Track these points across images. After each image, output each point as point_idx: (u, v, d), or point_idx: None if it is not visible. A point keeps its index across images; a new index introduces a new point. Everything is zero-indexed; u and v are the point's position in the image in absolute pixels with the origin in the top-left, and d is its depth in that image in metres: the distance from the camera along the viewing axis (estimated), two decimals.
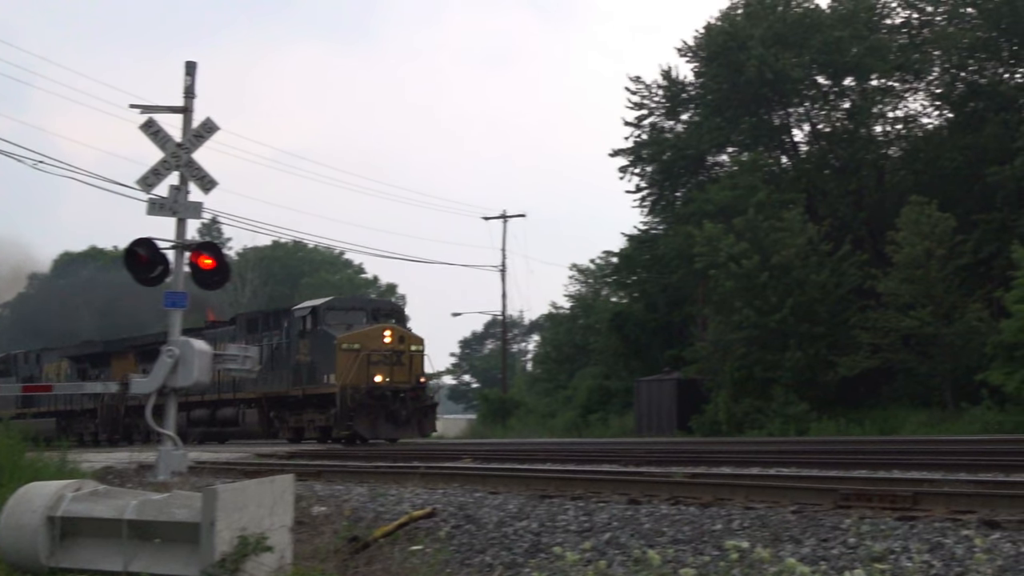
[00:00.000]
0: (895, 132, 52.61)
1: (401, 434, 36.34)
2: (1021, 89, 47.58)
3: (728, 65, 51.54)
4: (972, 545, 8.67)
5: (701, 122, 53.89)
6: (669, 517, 11.09)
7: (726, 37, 52.11)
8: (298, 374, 37.89)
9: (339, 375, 35.90)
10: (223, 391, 41.04)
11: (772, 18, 51.78)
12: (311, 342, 37.48)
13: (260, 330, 40.15)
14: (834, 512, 10.59)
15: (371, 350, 36.19)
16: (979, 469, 14.37)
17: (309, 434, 37.99)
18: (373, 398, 35.81)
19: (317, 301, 39.68)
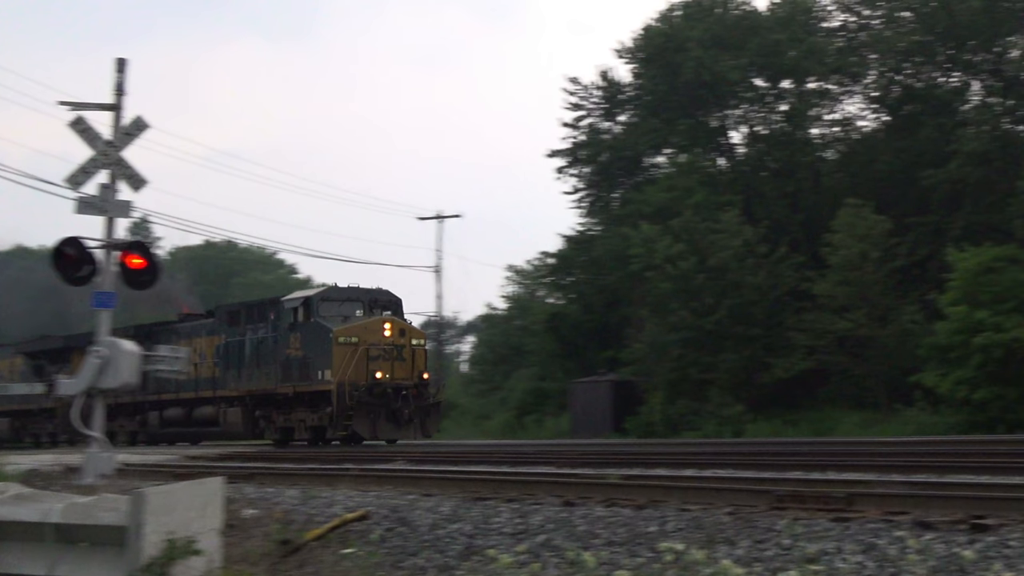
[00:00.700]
0: (832, 135, 53.13)
1: (403, 435, 34.37)
2: (956, 93, 48.21)
3: (666, 66, 51.78)
4: (905, 546, 8.77)
5: (638, 123, 54.11)
6: (604, 519, 11.10)
7: (664, 38, 52.36)
8: (288, 370, 35.58)
9: (335, 371, 33.76)
10: (201, 388, 39.21)
11: (710, 20, 52.08)
12: (303, 335, 35.22)
13: (243, 323, 37.86)
14: (769, 514, 10.65)
15: (370, 344, 34.13)
16: (913, 470, 14.53)
17: (300, 435, 35.81)
18: (373, 396, 33.83)
19: (310, 291, 37.63)
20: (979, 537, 8.88)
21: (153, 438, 41.20)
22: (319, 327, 34.60)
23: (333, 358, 33.80)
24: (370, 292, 36.67)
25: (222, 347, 38.31)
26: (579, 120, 55.80)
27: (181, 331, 40.77)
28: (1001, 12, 46.23)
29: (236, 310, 39.13)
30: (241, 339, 37.45)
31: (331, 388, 33.68)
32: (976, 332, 34.21)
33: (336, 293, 36.18)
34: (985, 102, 46.91)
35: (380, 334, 34.51)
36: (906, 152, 46.92)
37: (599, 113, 56.01)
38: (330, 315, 35.01)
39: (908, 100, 49.18)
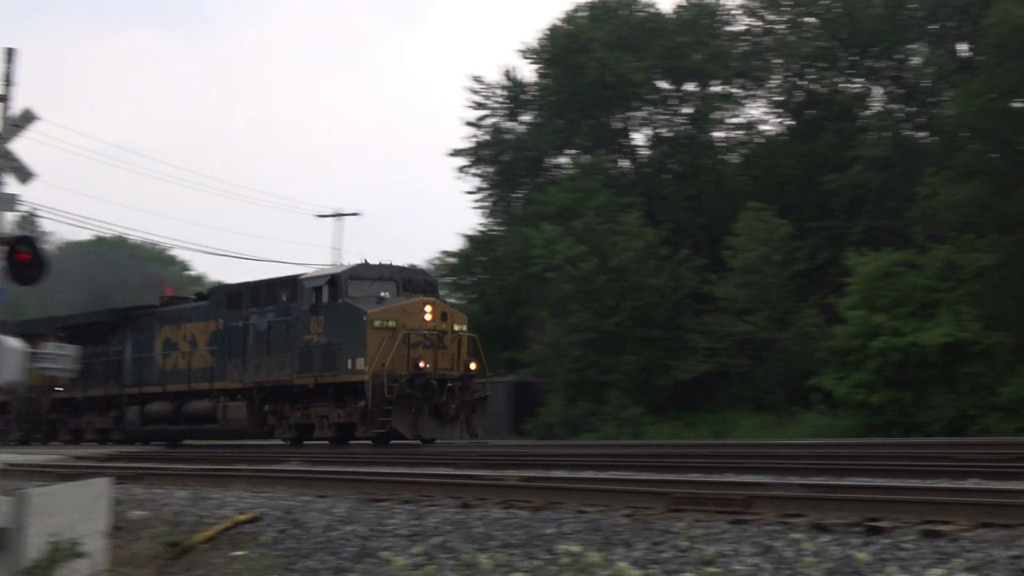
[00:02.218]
0: (735, 138, 53.73)
1: (447, 433, 30.51)
2: (858, 99, 49.04)
3: (570, 67, 51.98)
4: (801, 548, 8.86)
5: (542, 124, 54.25)
6: (501, 521, 11.10)
7: (568, 39, 52.55)
8: (308, 358, 31.28)
9: (370, 359, 29.46)
10: (194, 380, 34.93)
11: (614, 22, 52.38)
12: (328, 318, 30.87)
13: (246, 306, 33.55)
14: (667, 516, 10.71)
15: (409, 329, 30.00)
16: (810, 473, 14.69)
17: (321, 433, 31.62)
18: (415, 388, 29.56)
19: (336, 268, 33.00)
20: (874, 539, 9.00)
21: (132, 436, 37.56)
22: (349, 309, 30.39)
23: (367, 344, 29.61)
24: (404, 270, 32.68)
25: (220, 333, 34.23)
26: (482, 119, 55.84)
27: (165, 316, 37.28)
28: (903, 20, 47.14)
29: (237, 291, 34.74)
30: (244, 324, 33.32)
31: (365, 379, 29.47)
32: (874, 336, 34.80)
33: (367, 271, 31.89)
34: (886, 108, 47.78)
35: (420, 318, 30.43)
36: (808, 156, 47.62)
37: (502, 113, 56.07)
38: (360, 295, 30.80)
39: (811, 105, 49.91)
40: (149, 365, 36.88)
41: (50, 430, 40.74)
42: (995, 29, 37.30)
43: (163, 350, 36.53)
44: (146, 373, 36.64)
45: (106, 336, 38.84)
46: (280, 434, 32.72)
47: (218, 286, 36.63)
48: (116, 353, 38.42)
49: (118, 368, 38.15)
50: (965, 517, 9.41)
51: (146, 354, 37.10)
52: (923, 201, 39.48)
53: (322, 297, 31.17)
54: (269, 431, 32.83)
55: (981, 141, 39.14)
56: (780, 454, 19.47)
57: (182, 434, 36.85)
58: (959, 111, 39.70)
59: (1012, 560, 8.04)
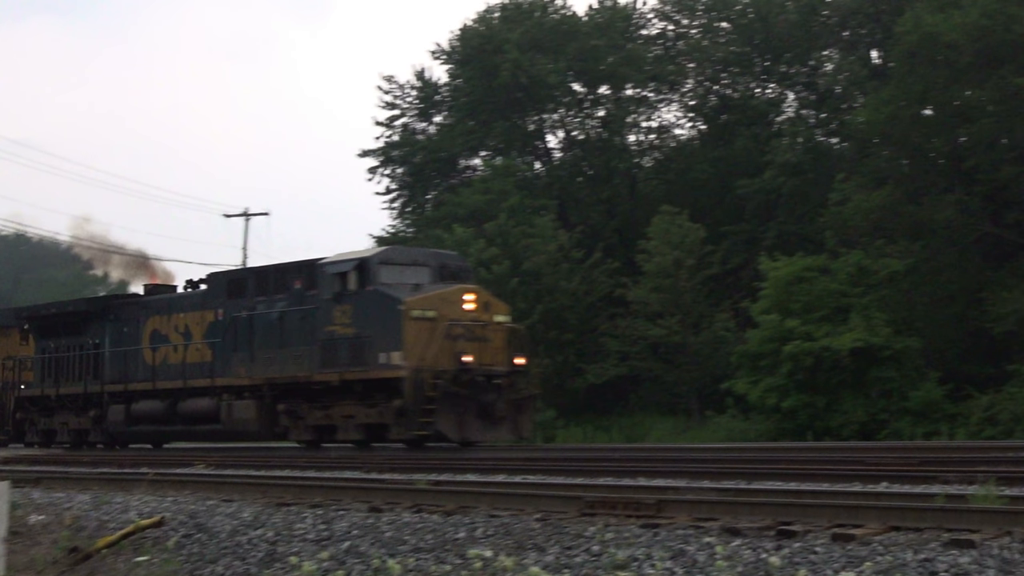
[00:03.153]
0: (648, 142, 54.09)
1: (494, 435, 27.89)
2: (771, 104, 49.62)
3: (483, 68, 51.99)
4: (713, 552, 8.93)
5: (454, 125, 54.20)
6: (411, 525, 11.08)
7: (481, 40, 52.56)
8: (331, 352, 28.14)
9: (408, 353, 26.61)
10: (190, 375, 31.72)
11: (528, 23, 52.48)
12: (356, 307, 27.78)
13: (251, 294, 30.49)
14: (579, 520, 10.77)
15: (450, 320, 27.25)
16: (723, 477, 14.83)
17: (345, 435, 28.59)
18: (460, 385, 26.84)
19: (365, 252, 29.52)
20: (786, 543, 9.09)
21: (115, 438, 34.63)
22: (382, 297, 27.41)
23: (404, 336, 26.73)
24: (438, 255, 30.09)
25: (220, 324, 31.15)
26: (393, 120, 55.65)
27: (153, 305, 34.06)
28: (817, 26, 47.78)
29: (241, 278, 31.71)
30: (250, 314, 30.21)
31: (403, 375, 26.58)
32: (786, 340, 35.16)
33: (398, 255, 29.36)
34: (799, 114, 48.41)
35: (460, 307, 27.65)
36: (721, 161, 48.08)
37: (414, 113, 55.94)
38: (393, 282, 27.87)
39: (724, 110, 50.40)
40: (134, 359, 33.58)
41: (16, 431, 37.36)
42: (906, 37, 37.89)
43: (151, 343, 33.18)
44: (131, 368, 33.46)
45: (81, 327, 35.54)
46: (295, 436, 29.75)
47: (216, 272, 33.15)
48: (93, 346, 35.00)
49: (96, 363, 34.82)
50: (876, 520, 9.54)
51: (130, 347, 33.75)
52: (835, 207, 39.99)
53: (348, 284, 28.00)
54: (281, 433, 29.82)
55: (892, 148, 39.76)
56: (693, 458, 19.60)
57: (177, 436, 34.06)
58: (870, 118, 40.30)
59: (922, 563, 8.16)
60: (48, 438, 36.47)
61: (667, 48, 52.65)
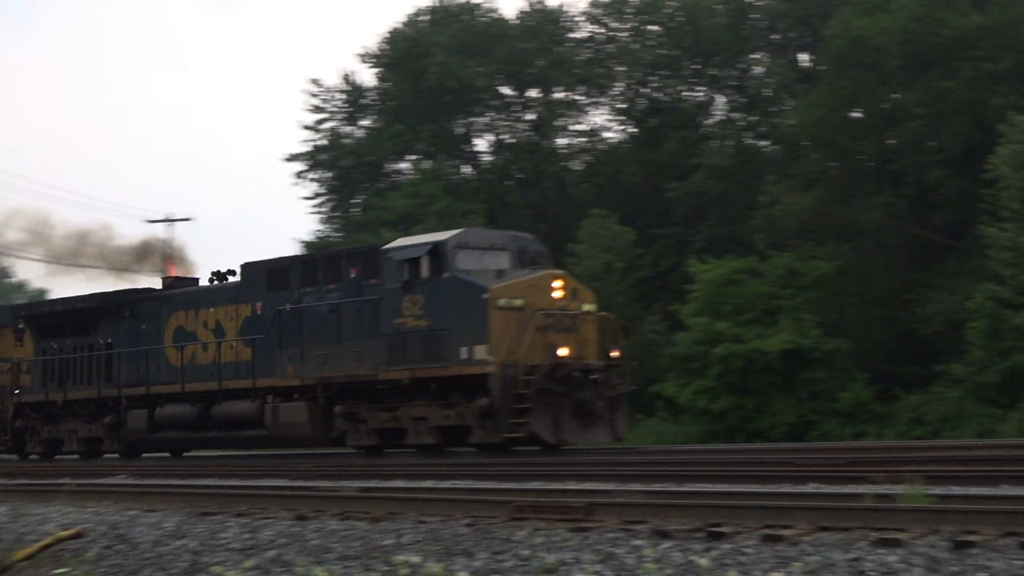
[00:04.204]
0: (578, 145, 54.23)
1: (590, 437, 25.33)
2: (701, 107, 49.96)
3: (411, 72, 51.92)
4: (643, 555, 8.95)
5: (382, 128, 54.07)
6: (338, 533, 11.05)
7: (409, 43, 52.50)
8: (400, 347, 25.46)
9: (495, 346, 24.08)
10: (226, 376, 28.91)
11: (456, 26, 52.50)
12: (430, 297, 25.13)
13: (296, 285, 27.88)
14: (508, 525, 10.76)
15: (539, 309, 24.65)
16: (652, 479, 14.88)
17: (417, 438, 25.59)
18: (556, 382, 24.29)
19: (439, 235, 26.71)
20: (715, 545, 9.14)
21: (134, 447, 31.84)
22: (461, 285, 24.89)
23: (490, 328, 24.22)
24: (517, 238, 27.33)
25: (258, 319, 28.65)
26: (320, 123, 55.43)
27: (176, 300, 31.38)
28: (746, 29, 48.19)
29: (283, 268, 28.85)
30: (297, 307, 27.64)
31: (489, 371, 24.02)
32: (716, 343, 35.42)
33: (476, 238, 26.48)
34: (728, 117, 48.79)
35: (548, 296, 25.12)
36: (651, 164, 48.32)
37: (341, 117, 55.76)
38: (472, 268, 25.35)
39: (654, 113, 50.67)
40: (156, 360, 30.82)
41: (16, 441, 34.10)
42: (835, 40, 38.38)
43: (175, 341, 30.53)
44: (153, 369, 30.70)
45: (90, 326, 32.85)
46: (354, 441, 26.77)
47: (252, 262, 30.44)
48: (105, 346, 32.24)
49: (109, 364, 32.03)
50: (805, 521, 9.59)
51: (151, 346, 31.01)
52: (764, 209, 40.40)
53: (420, 271, 25.33)
54: (338, 438, 27.06)
55: (821, 150, 40.22)
56: (622, 461, 19.67)
57: (210, 444, 31.56)
58: (800, 121, 40.76)
59: (850, 563, 8.23)
60: (52, 448, 33.68)
61: (596, 51, 52.85)
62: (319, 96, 55.33)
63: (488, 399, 23.95)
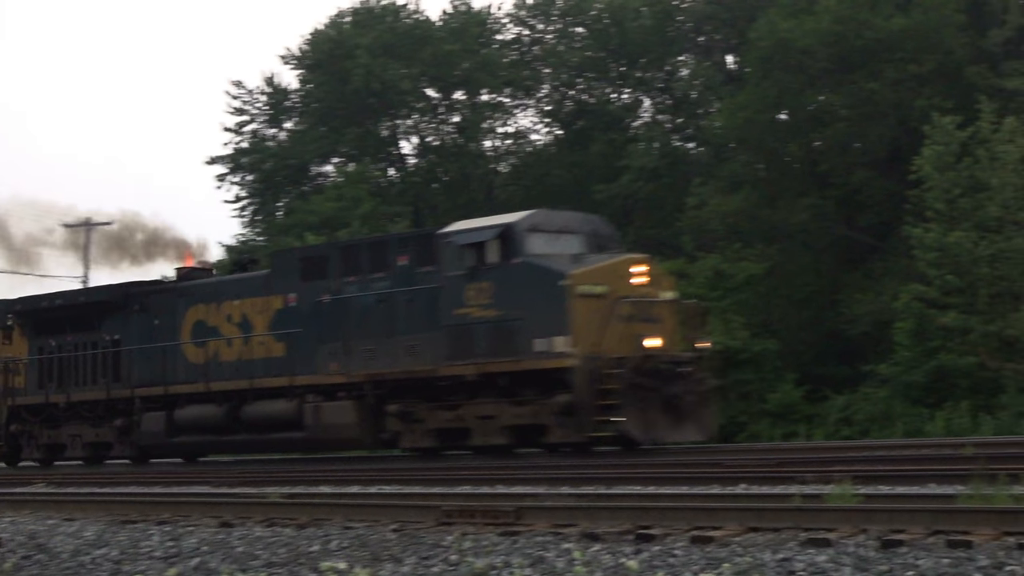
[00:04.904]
0: (505, 147, 54.29)
1: (680, 435, 23.38)
2: (627, 109, 50.20)
3: (334, 74, 51.70)
4: (572, 558, 8.96)
5: (305, 131, 53.79)
6: (263, 539, 11.00)
7: (332, 45, 52.28)
8: (464, 339, 23.49)
9: (578, 337, 22.23)
10: (256, 373, 26.80)
11: (380, 28, 52.33)
12: (501, 284, 23.19)
13: (335, 274, 25.79)
14: (436, 529, 10.78)
15: (619, 297, 22.76)
16: (582, 483, 14.93)
17: (484, 439, 23.49)
18: (646, 376, 22.43)
19: (507, 217, 24.60)
20: (645, 547, 9.18)
21: (149, 451, 29.53)
22: (536, 270, 22.98)
23: (571, 318, 22.36)
24: (589, 220, 25.64)
25: (292, 312, 26.58)
26: (242, 126, 55.01)
27: (194, 292, 29.22)
28: (672, 32, 48.51)
29: (320, 256, 26.89)
30: (338, 298, 25.61)
31: (572, 364, 22.16)
32: None
33: (548, 220, 24.48)
34: (655, 119, 49.07)
35: (629, 281, 23.19)
36: (578, 166, 48.47)
37: (264, 119, 55.38)
38: (544, 253, 23.44)
39: (580, 115, 50.84)
40: (173, 357, 28.73)
41: (11, 447, 31.78)
42: (761, 43, 38.69)
43: (194, 337, 28.47)
44: (170, 368, 28.61)
45: (93, 321, 30.67)
46: (409, 443, 24.73)
47: (283, 250, 28.64)
48: (112, 343, 30.02)
49: (116, 363, 29.89)
50: (734, 522, 9.68)
51: (166, 342, 28.88)
52: (692, 211, 40.63)
53: (486, 256, 23.43)
54: (390, 439, 25.08)
55: (748, 152, 40.56)
56: (552, 464, 19.72)
57: (239, 448, 29.21)
58: (726, 123, 41.06)
59: (780, 563, 8.29)
60: (52, 454, 31.43)
61: (522, 53, 52.93)
62: (240, 98, 54.93)
63: (569, 395, 22.04)
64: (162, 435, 28.50)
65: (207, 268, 31.91)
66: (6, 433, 31.62)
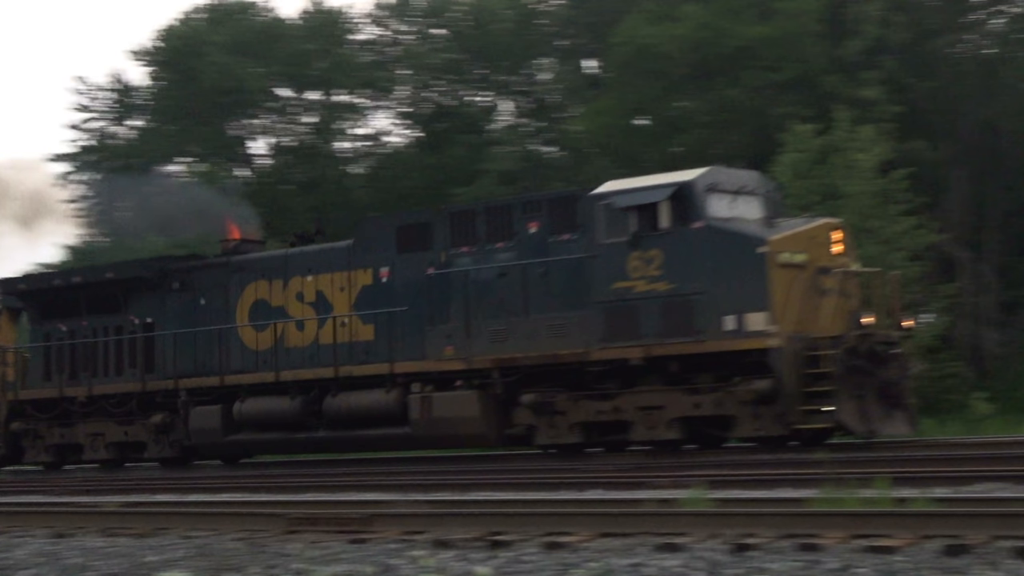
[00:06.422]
0: (361, 149, 54.04)
1: (893, 426, 20.46)
2: (486, 112, 50.37)
3: (184, 71, 51.01)
4: (422, 565, 8.94)
5: (154, 129, 52.96)
6: (100, 550, 10.78)
7: (183, 42, 51.58)
8: (625, 318, 20.75)
9: (779, 314, 19.68)
10: (341, 358, 23.93)
11: (233, 25, 51.77)
12: (675, 253, 20.46)
13: (441, 246, 23.08)
14: (282, 538, 10.68)
15: (818, 267, 20.46)
16: (434, 489, 14.93)
17: (649, 432, 20.76)
18: (862, 358, 19.89)
19: (679, 175, 21.58)
20: (497, 553, 9.19)
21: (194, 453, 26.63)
22: (726, 236, 20.34)
23: (771, 291, 19.80)
24: (765, 181, 22.88)
25: (387, 288, 23.70)
26: (86, 122, 54.00)
27: (251, 267, 26.29)
28: (532, 35, 48.79)
29: (421, 223, 23.85)
30: (446, 272, 22.83)
31: (775, 344, 19.49)
32: None
33: (726, 179, 21.49)
34: (515, 123, 49.30)
35: (828, 249, 20.80)
36: (437, 169, 48.47)
37: (110, 117, 54.42)
38: (727, 216, 20.79)
39: (439, 117, 50.86)
40: (227, 343, 25.76)
41: (11, 448, 28.67)
42: (622, 48, 39.12)
43: (253, 318, 25.56)
44: (223, 355, 25.66)
45: (117, 302, 27.62)
46: (548, 439, 21.80)
47: (371, 217, 26.26)
48: (143, 327, 27.09)
49: (149, 350, 26.89)
50: (587, 527, 9.72)
51: (215, 326, 25.94)
52: None
53: (657, 220, 20.69)
54: (522, 435, 22.28)
55: (608, 157, 40.93)
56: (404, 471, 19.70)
57: (322, 446, 25.59)
58: (587, 127, 41.42)
59: (632, 568, 8.34)
60: (63, 456, 28.36)
61: (380, 54, 52.78)
62: (85, 94, 53.90)
63: (769, 381, 19.48)
64: (217, 433, 25.47)
65: (259, 240, 28.94)
66: (5, 432, 28.51)
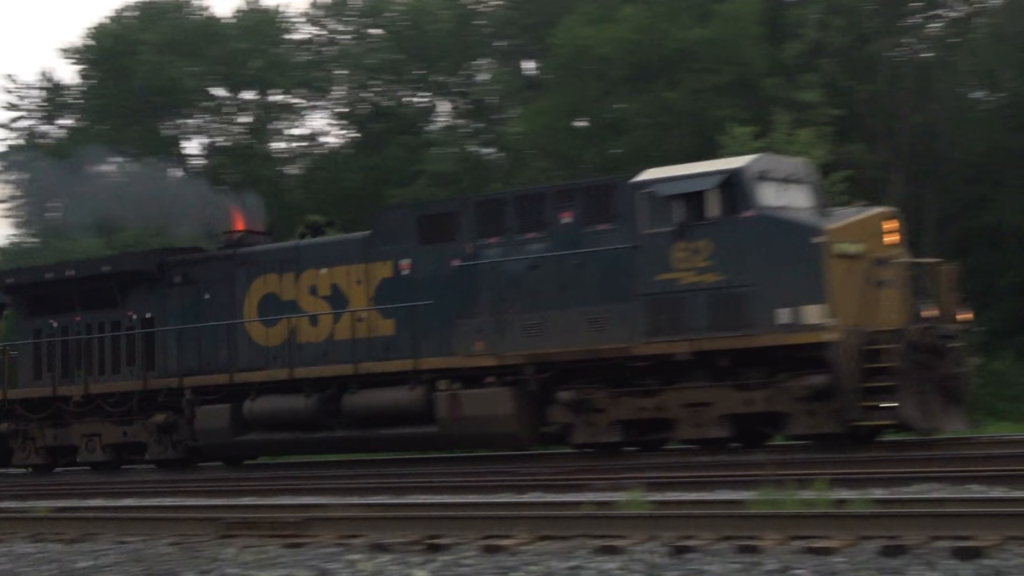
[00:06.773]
0: (296, 149, 53.79)
1: (952, 423, 19.79)
2: (424, 113, 50.31)
3: (117, 70, 50.59)
4: (358, 570, 8.93)
5: (85, 129, 52.47)
6: (29, 556, 10.70)
7: (115, 40, 51.15)
8: (670, 311, 20.04)
9: (837, 307, 18.98)
10: (359, 354, 22.92)
11: (166, 24, 51.37)
12: (725, 243, 19.74)
13: (467, 236, 22.14)
14: (217, 542, 10.63)
15: (875, 258, 19.75)
16: (371, 492, 14.89)
17: (696, 431, 20.10)
18: (923, 352, 19.34)
19: (728, 162, 21.17)
20: (435, 557, 9.19)
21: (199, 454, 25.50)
22: (779, 225, 19.70)
23: (828, 283, 19.11)
24: (812, 169, 22.05)
25: (407, 281, 22.76)
26: (15, 121, 53.45)
27: (259, 259, 25.13)
28: (471, 36, 48.77)
29: (446, 212, 23.06)
30: (473, 264, 21.95)
31: (832, 338, 18.86)
32: None
33: (777, 166, 20.88)
34: (453, 123, 49.27)
35: (882, 239, 20.18)
36: (373, 170, 48.33)
37: (39, 115, 53.89)
38: (779, 206, 20.10)
39: (376, 118, 50.72)
40: (233, 339, 24.73)
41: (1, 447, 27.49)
42: (560, 49, 39.19)
43: (262, 313, 24.56)
44: (231, 351, 24.68)
45: (111, 297, 26.57)
46: (586, 438, 20.89)
47: (391, 206, 24.81)
48: (140, 322, 26.14)
49: (150, 346, 25.96)
50: (526, 530, 9.72)
51: (221, 321, 24.89)
52: None
53: (705, 209, 20.03)
54: (558, 433, 21.37)
55: (547, 158, 40.98)
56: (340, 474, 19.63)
57: (340, 446, 24.68)
58: (525, 128, 41.45)
59: (570, 571, 8.38)
60: (55, 458, 27.26)
61: (317, 53, 52.57)
62: (14, 93, 53.34)
63: (826, 376, 18.85)
64: (226, 433, 24.41)
65: (265, 232, 27.40)
66: None
